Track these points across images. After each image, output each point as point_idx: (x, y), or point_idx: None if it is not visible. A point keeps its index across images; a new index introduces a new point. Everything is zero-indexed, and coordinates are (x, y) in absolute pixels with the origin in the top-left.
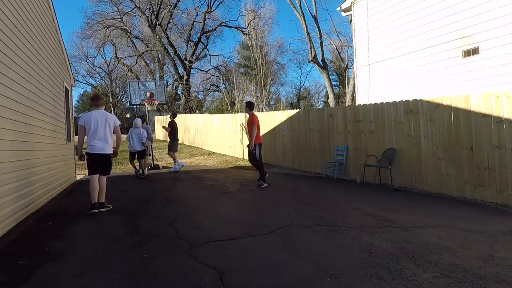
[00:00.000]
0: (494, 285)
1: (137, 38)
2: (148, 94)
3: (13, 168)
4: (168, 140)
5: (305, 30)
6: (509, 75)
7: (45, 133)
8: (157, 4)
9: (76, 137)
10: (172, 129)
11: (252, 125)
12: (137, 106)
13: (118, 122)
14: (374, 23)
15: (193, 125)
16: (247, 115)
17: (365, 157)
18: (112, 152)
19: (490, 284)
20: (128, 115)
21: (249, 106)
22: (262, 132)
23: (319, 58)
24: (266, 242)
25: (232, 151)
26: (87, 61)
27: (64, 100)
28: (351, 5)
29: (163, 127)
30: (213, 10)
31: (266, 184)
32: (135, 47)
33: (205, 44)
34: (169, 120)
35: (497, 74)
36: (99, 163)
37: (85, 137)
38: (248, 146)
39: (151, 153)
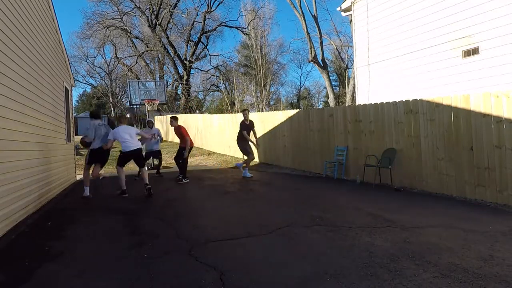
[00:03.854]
0: (494, 285)
1: (137, 38)
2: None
3: (13, 168)
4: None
5: (305, 30)
6: (509, 75)
7: (45, 133)
8: (157, 4)
9: (77, 137)
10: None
11: (183, 136)
12: (137, 106)
13: (138, 131)
14: (374, 23)
15: (193, 125)
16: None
17: (365, 157)
18: (140, 147)
19: (490, 284)
20: (128, 115)
21: (174, 119)
22: (262, 132)
23: (319, 58)
24: (266, 242)
25: (232, 151)
26: (87, 61)
27: (64, 100)
28: (351, 5)
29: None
30: (213, 10)
31: (187, 180)
32: (135, 47)
33: (205, 44)
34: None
35: (497, 74)
36: (131, 157)
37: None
38: (184, 154)
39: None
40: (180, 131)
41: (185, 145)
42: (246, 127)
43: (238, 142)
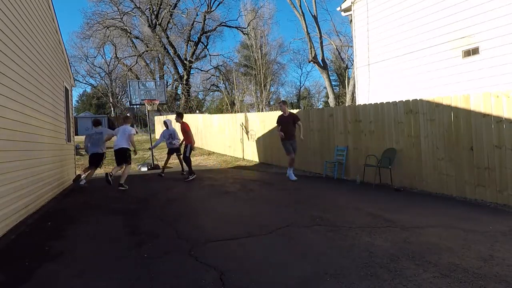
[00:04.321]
0: (494, 285)
1: (137, 38)
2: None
3: (13, 168)
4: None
5: (305, 30)
6: (509, 75)
7: (45, 133)
8: (157, 4)
9: (77, 137)
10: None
11: (186, 131)
12: (137, 106)
13: (132, 131)
14: (374, 23)
15: (193, 125)
16: (248, 116)
17: (365, 157)
18: (127, 148)
19: (490, 284)
20: (128, 115)
21: (180, 116)
22: (262, 132)
23: (319, 58)
24: (266, 242)
25: (232, 151)
26: (87, 61)
27: (64, 100)
28: (351, 5)
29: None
30: (213, 10)
31: (193, 177)
32: (135, 47)
33: (205, 44)
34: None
35: (497, 74)
36: (119, 156)
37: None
38: (185, 147)
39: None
40: (183, 127)
41: (187, 142)
42: (281, 121)
43: (281, 139)
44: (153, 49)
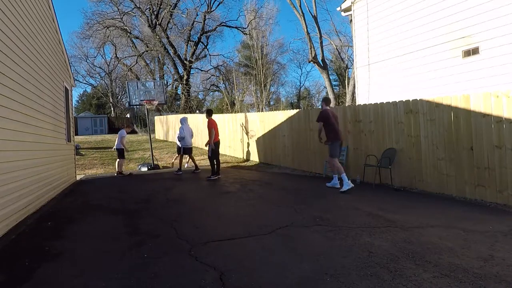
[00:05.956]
0: (494, 285)
1: (137, 38)
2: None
3: (13, 168)
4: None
5: (305, 30)
6: (509, 75)
7: (45, 133)
8: (157, 4)
9: (77, 137)
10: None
11: (211, 128)
12: (137, 107)
13: (123, 134)
14: (374, 23)
15: (193, 125)
16: (248, 116)
17: (365, 157)
18: (120, 148)
19: (490, 284)
20: (128, 115)
21: (208, 113)
22: (262, 132)
23: (319, 58)
24: (266, 242)
25: (232, 151)
26: (87, 61)
27: (64, 100)
28: (351, 5)
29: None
30: (213, 10)
31: (215, 178)
32: (135, 47)
33: (205, 44)
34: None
35: (497, 74)
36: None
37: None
38: (207, 145)
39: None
40: (208, 124)
41: (212, 140)
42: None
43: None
44: (153, 49)
